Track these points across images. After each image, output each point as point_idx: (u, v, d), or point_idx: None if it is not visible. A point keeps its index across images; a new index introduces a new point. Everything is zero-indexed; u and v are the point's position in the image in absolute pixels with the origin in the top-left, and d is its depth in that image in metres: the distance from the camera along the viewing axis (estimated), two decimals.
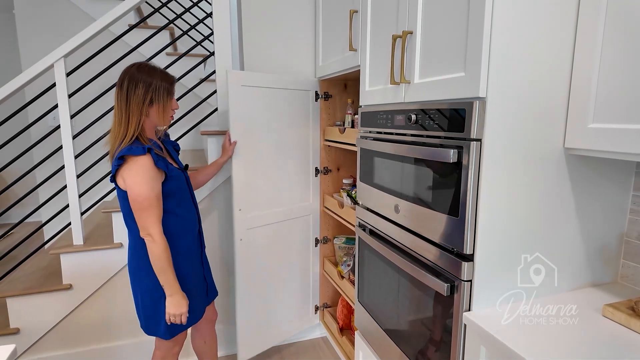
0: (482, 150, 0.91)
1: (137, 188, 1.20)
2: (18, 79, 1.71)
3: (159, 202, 1.25)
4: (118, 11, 1.78)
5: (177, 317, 1.29)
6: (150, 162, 1.22)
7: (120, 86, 1.25)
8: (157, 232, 1.24)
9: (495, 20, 0.87)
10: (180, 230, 1.37)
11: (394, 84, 1.22)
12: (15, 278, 1.92)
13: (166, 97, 1.30)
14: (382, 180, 1.35)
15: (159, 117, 1.31)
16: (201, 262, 1.49)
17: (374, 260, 1.46)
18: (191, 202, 1.44)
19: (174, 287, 1.27)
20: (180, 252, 1.37)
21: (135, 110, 1.25)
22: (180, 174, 1.38)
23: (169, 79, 1.33)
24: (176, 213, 1.35)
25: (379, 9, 1.34)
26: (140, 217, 1.23)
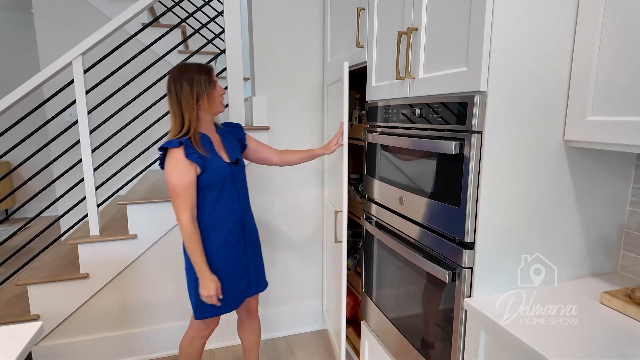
0: (483, 141, 0.94)
1: (169, 177, 1.33)
2: (39, 75, 1.78)
3: (187, 192, 1.33)
4: (132, 10, 1.84)
5: (206, 299, 1.38)
6: (181, 154, 1.31)
7: (170, 91, 1.37)
8: (185, 219, 1.34)
9: (496, 16, 0.90)
10: (214, 223, 1.42)
11: (399, 79, 1.26)
12: (35, 267, 2.01)
13: (209, 87, 1.38)
14: (388, 173, 1.39)
15: (210, 106, 1.40)
16: (244, 256, 1.51)
17: (379, 251, 1.50)
18: (236, 196, 1.47)
19: (202, 270, 1.37)
20: (213, 244, 1.42)
21: (186, 108, 1.35)
22: (224, 168, 1.42)
23: (206, 69, 1.41)
24: (214, 206, 1.41)
25: (385, 6, 1.38)
26: (172, 203, 1.36)
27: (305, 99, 2.13)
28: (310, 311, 2.33)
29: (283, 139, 2.13)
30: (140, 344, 2.05)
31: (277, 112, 2.10)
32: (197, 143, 1.37)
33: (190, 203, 1.35)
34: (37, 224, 4.03)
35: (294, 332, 2.31)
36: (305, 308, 2.32)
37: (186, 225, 1.34)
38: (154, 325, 2.07)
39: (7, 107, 1.77)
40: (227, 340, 2.19)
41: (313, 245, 2.29)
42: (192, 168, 1.34)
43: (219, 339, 2.18)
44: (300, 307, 2.31)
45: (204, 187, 1.38)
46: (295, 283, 2.29)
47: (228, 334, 2.18)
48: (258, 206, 2.15)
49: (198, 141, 1.38)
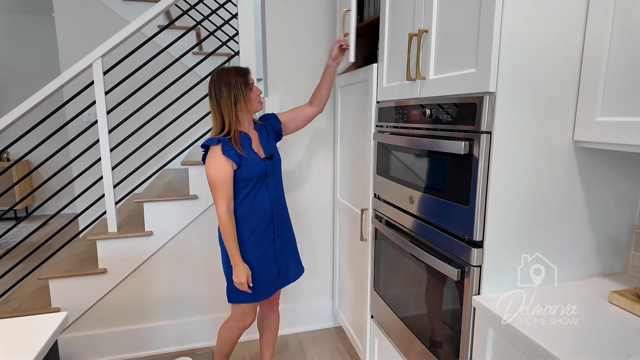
0: (492, 142, 0.96)
1: (208, 171, 1.44)
2: (61, 77, 1.85)
3: (224, 185, 1.44)
4: (150, 14, 1.90)
5: (238, 285, 1.48)
6: (219, 151, 1.42)
7: (210, 95, 1.47)
8: (222, 210, 1.44)
9: (505, 18, 0.92)
10: (246, 214, 1.52)
11: (410, 80, 1.28)
12: (55, 262, 2.08)
13: (245, 89, 1.47)
14: (398, 173, 1.41)
15: (248, 106, 1.49)
16: (273, 246, 1.58)
17: (389, 250, 1.52)
18: (266, 190, 1.55)
19: (235, 258, 1.47)
20: (244, 235, 1.52)
21: (226, 111, 1.45)
22: (259, 163, 1.51)
23: (243, 71, 1.49)
24: (246, 198, 1.52)
25: (396, 9, 1.40)
26: (212, 195, 1.46)
27: None
28: (320, 309, 2.36)
29: (295, 138, 2.16)
30: (155, 338, 2.11)
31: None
32: (236, 142, 1.47)
33: (226, 195, 1.45)
34: (55, 221, 4.14)
35: (304, 329, 2.35)
36: (315, 306, 2.35)
37: (222, 215, 1.45)
38: (169, 320, 2.12)
39: (30, 108, 1.84)
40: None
41: (322, 243, 2.32)
42: (229, 164, 1.44)
43: None
44: (310, 305, 2.35)
45: (238, 181, 1.49)
46: (305, 281, 2.32)
47: None
48: None
49: (238, 140, 1.47)
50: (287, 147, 2.16)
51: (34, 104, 1.85)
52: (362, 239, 1.75)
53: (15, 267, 2.08)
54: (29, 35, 4.60)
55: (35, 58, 4.64)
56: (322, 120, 2.18)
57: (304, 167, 2.21)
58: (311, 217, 2.27)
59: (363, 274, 1.81)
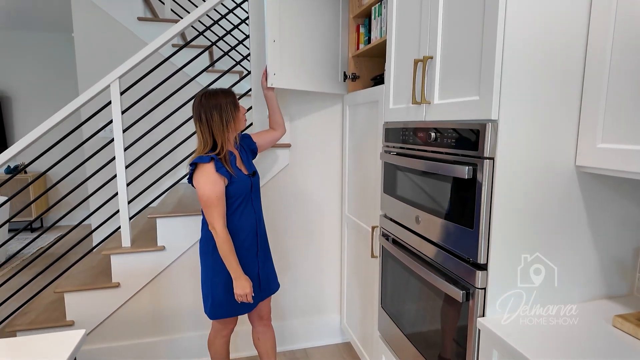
0: (495, 167, 0.99)
1: (202, 189, 1.46)
2: (80, 97, 1.93)
3: (219, 201, 1.48)
4: (166, 36, 1.98)
5: (243, 297, 1.52)
6: (212, 168, 1.46)
7: (200, 119, 1.50)
8: (219, 226, 1.48)
9: (506, 48, 0.95)
10: (234, 229, 1.57)
11: (415, 103, 1.32)
12: (70, 275, 2.14)
13: (234, 110, 1.53)
14: (404, 192, 1.44)
15: (236, 126, 1.56)
16: (256, 260, 1.65)
17: (396, 268, 1.54)
18: (252, 205, 1.62)
19: (236, 271, 1.51)
20: (235, 245, 1.56)
21: (219, 134, 1.50)
22: (245, 180, 1.58)
23: (230, 93, 1.55)
24: (234, 213, 1.56)
25: (402, 34, 1.45)
26: (206, 213, 1.49)
27: (326, 118, 2.21)
28: (328, 324, 2.38)
29: (303, 156, 2.21)
30: (167, 351, 2.15)
31: (298, 130, 2.18)
32: (227, 162, 1.52)
33: (222, 211, 1.49)
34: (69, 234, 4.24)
35: (312, 344, 2.36)
36: (323, 321, 2.37)
37: (221, 231, 1.48)
38: (181, 333, 2.16)
39: (51, 127, 1.92)
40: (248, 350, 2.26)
41: (330, 258, 2.34)
42: (222, 180, 1.49)
43: (239, 348, 2.25)
44: (318, 320, 2.36)
45: (228, 197, 1.53)
46: (312, 296, 2.35)
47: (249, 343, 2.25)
48: (276, 219, 2.23)
49: (228, 160, 1.53)
50: (297, 161, 2.20)
51: (55, 123, 1.93)
52: (372, 255, 1.77)
53: (33, 280, 2.15)
54: (48, 52, 4.77)
55: (54, 75, 4.80)
56: (331, 137, 2.23)
57: (313, 182, 2.25)
58: (319, 231, 2.30)
59: (372, 291, 1.83)
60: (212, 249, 1.57)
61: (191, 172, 1.50)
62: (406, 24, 1.40)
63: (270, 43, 1.74)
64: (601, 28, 0.96)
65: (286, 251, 2.27)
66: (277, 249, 2.25)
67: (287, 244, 2.27)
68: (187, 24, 1.99)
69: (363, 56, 2.07)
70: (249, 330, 2.20)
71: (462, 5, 1.09)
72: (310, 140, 2.21)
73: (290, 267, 2.29)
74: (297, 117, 2.17)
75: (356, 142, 2.03)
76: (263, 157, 2.12)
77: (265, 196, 2.19)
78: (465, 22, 1.07)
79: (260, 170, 2.13)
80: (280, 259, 2.27)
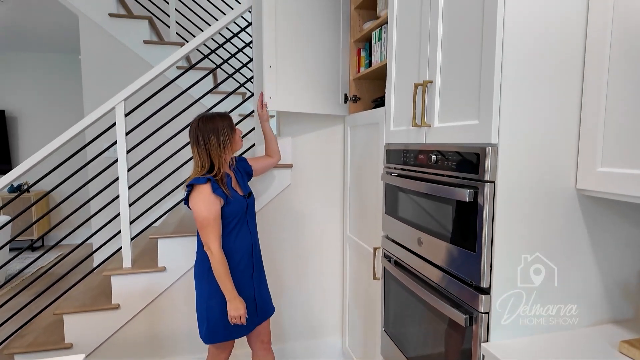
0: (496, 191, 1.00)
1: (198, 210, 1.47)
2: (86, 119, 1.97)
3: (215, 222, 1.48)
4: (172, 59, 2.02)
5: (236, 319, 1.50)
6: (209, 189, 1.47)
7: (197, 142, 1.53)
8: (215, 247, 1.48)
9: (505, 73, 0.97)
10: (231, 251, 1.57)
11: (415, 126, 1.33)
12: (70, 296, 2.12)
13: (231, 133, 1.57)
14: (406, 214, 1.44)
15: (233, 148, 1.60)
16: (251, 282, 1.64)
17: (398, 290, 1.53)
18: (247, 226, 1.63)
19: (231, 293, 1.50)
20: (230, 267, 1.56)
21: (216, 157, 1.53)
22: (241, 200, 1.59)
23: (226, 117, 1.59)
24: (230, 235, 1.57)
25: (402, 59, 1.48)
26: (201, 234, 1.49)
27: (327, 138, 2.24)
28: (329, 347, 2.34)
29: (305, 176, 2.22)
30: None
31: (300, 150, 2.20)
32: (223, 183, 1.53)
33: (218, 232, 1.50)
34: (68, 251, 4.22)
35: None
36: (324, 344, 2.33)
37: (216, 252, 1.49)
38: (179, 356, 2.12)
39: (56, 148, 1.95)
40: None
41: (332, 279, 2.32)
42: (218, 201, 1.50)
43: None
44: (319, 343, 2.32)
45: (223, 218, 1.54)
46: (313, 318, 2.32)
47: None
48: (277, 238, 2.22)
49: (224, 181, 1.54)
50: (299, 181, 2.21)
51: (60, 145, 1.95)
52: (374, 277, 1.76)
53: (32, 301, 2.13)
54: (55, 73, 4.85)
55: (59, 95, 4.88)
56: (332, 157, 2.25)
57: (314, 202, 2.25)
58: (321, 251, 2.29)
59: (374, 313, 1.81)
60: (207, 271, 1.56)
61: (187, 194, 1.52)
62: (406, 49, 1.44)
63: (267, 68, 1.80)
64: (598, 57, 0.98)
65: (287, 271, 2.25)
66: (277, 269, 2.24)
67: (288, 264, 2.25)
68: (193, 47, 2.04)
69: (364, 79, 2.11)
70: (248, 353, 2.16)
71: (460, 32, 1.12)
72: (312, 160, 2.23)
73: (291, 288, 2.27)
74: (299, 137, 2.20)
75: (357, 162, 2.05)
76: (265, 177, 2.13)
77: (267, 216, 2.19)
78: (464, 48, 1.10)
79: (261, 190, 2.14)
80: (281, 279, 2.25)
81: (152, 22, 3.18)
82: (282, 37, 1.85)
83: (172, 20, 3.27)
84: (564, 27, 1.00)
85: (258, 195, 2.13)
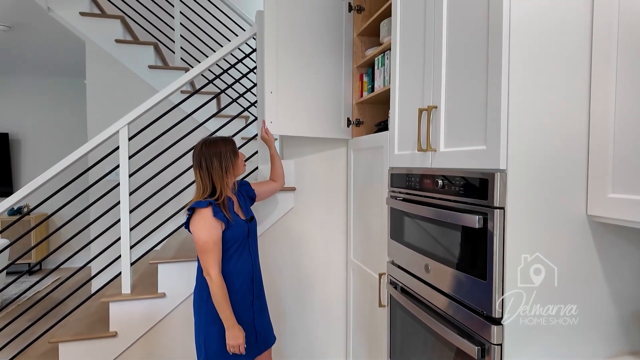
0: (506, 218, 0.98)
1: (199, 234, 1.45)
2: (89, 143, 1.97)
3: (215, 247, 1.46)
4: (176, 85, 2.04)
5: (235, 348, 1.46)
6: (210, 213, 1.46)
7: (200, 166, 1.53)
8: (214, 273, 1.45)
9: (512, 99, 0.97)
10: (231, 277, 1.54)
11: (421, 150, 1.33)
12: (67, 324, 2.07)
13: (234, 157, 1.57)
14: (412, 239, 1.41)
15: (235, 172, 1.60)
16: (252, 309, 1.60)
17: (405, 318, 1.48)
18: (248, 251, 1.61)
19: (230, 320, 1.46)
20: (229, 294, 1.51)
21: (218, 181, 1.52)
22: (243, 225, 1.57)
23: (229, 141, 1.60)
24: (230, 260, 1.54)
25: (406, 84, 1.49)
26: (201, 258, 1.46)
27: (331, 161, 2.23)
28: None
29: (308, 199, 2.20)
30: None
31: (303, 173, 2.19)
32: (225, 207, 1.52)
33: (218, 258, 1.48)
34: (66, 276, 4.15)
35: None
36: None
37: (216, 277, 1.46)
38: None
39: (59, 171, 1.94)
40: None
41: (335, 305, 2.27)
42: (219, 225, 1.48)
43: None
44: None
45: (224, 242, 1.51)
46: (316, 346, 2.25)
47: None
48: (280, 262, 2.18)
49: (226, 205, 1.53)
50: (302, 204, 2.19)
51: (62, 169, 1.95)
52: (380, 304, 1.71)
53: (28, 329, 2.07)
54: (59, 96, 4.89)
55: (63, 118, 4.91)
56: (336, 180, 2.24)
57: (318, 225, 2.23)
58: (324, 276, 2.25)
59: (380, 342, 1.75)
60: (206, 297, 1.52)
61: (189, 217, 1.50)
62: (410, 75, 1.45)
63: (268, 94, 1.82)
64: (605, 82, 0.98)
65: (289, 297, 2.20)
66: (279, 294, 2.19)
67: (290, 288, 2.20)
68: (198, 72, 2.06)
69: (366, 103, 2.12)
70: None
71: (465, 59, 1.12)
72: (315, 183, 2.21)
73: (292, 314, 2.21)
74: (302, 160, 2.19)
75: (361, 186, 2.03)
76: (268, 200, 2.11)
77: (269, 239, 2.16)
78: (469, 75, 1.10)
79: (264, 214, 2.12)
80: (282, 304, 2.20)
81: (158, 48, 3.24)
82: (284, 63, 1.88)
83: (177, 46, 3.33)
84: (569, 57, 1.00)
85: (261, 219, 2.10)
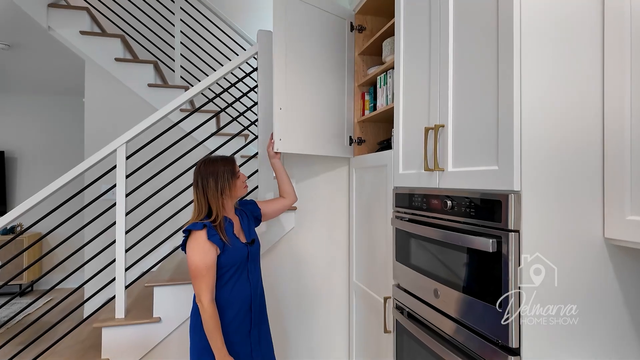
0: (521, 241, 0.93)
1: (192, 257, 1.39)
2: (86, 162, 1.92)
3: (208, 272, 1.39)
4: (175, 103, 2.02)
5: None
6: (204, 236, 1.39)
7: (197, 185, 1.49)
8: (206, 300, 1.38)
9: (524, 115, 0.94)
10: (225, 303, 1.46)
11: (427, 170, 1.29)
12: (56, 351, 1.97)
13: (232, 178, 1.51)
14: (420, 262, 1.36)
15: (233, 193, 1.53)
16: (248, 340, 1.51)
17: (413, 345, 1.41)
18: (247, 277, 1.52)
19: (221, 351, 1.38)
20: (223, 322, 1.45)
21: (213, 201, 1.47)
22: (241, 248, 1.50)
23: (229, 161, 1.54)
24: (225, 286, 1.46)
25: (410, 102, 1.46)
26: (193, 284, 1.40)
27: (332, 180, 2.19)
28: None
29: (309, 219, 2.15)
30: None
31: (304, 193, 2.15)
32: (222, 229, 1.46)
33: (211, 283, 1.40)
34: (58, 297, 4.03)
35: None
36: None
37: (207, 305, 1.38)
38: None
39: (55, 189, 1.89)
40: None
41: (338, 330, 2.19)
42: (213, 249, 1.41)
43: None
44: None
45: (220, 267, 1.45)
46: None
47: None
48: (280, 284, 2.11)
49: (223, 227, 1.47)
50: (303, 225, 2.14)
51: (58, 188, 1.89)
52: (385, 330, 1.64)
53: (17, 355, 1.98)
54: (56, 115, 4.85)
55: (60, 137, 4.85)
56: (338, 199, 2.19)
57: (319, 246, 2.17)
58: (326, 300, 2.18)
59: None
60: (202, 323, 1.43)
61: (184, 239, 1.45)
62: (414, 93, 1.42)
63: (277, 111, 1.79)
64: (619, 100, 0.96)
65: (290, 320, 2.12)
66: (279, 317, 2.11)
67: (290, 312, 2.13)
68: (198, 91, 2.04)
69: (369, 121, 2.10)
70: None
71: (473, 74, 1.10)
72: (317, 203, 2.17)
73: (292, 339, 2.13)
74: (303, 179, 2.15)
75: (364, 205, 1.99)
76: (268, 220, 2.06)
77: (270, 260, 2.09)
78: (478, 91, 1.08)
79: (265, 234, 2.06)
80: (282, 329, 2.12)
81: (157, 66, 3.23)
82: (292, 81, 1.86)
83: (177, 64, 3.33)
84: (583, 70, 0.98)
85: (260, 239, 2.04)
